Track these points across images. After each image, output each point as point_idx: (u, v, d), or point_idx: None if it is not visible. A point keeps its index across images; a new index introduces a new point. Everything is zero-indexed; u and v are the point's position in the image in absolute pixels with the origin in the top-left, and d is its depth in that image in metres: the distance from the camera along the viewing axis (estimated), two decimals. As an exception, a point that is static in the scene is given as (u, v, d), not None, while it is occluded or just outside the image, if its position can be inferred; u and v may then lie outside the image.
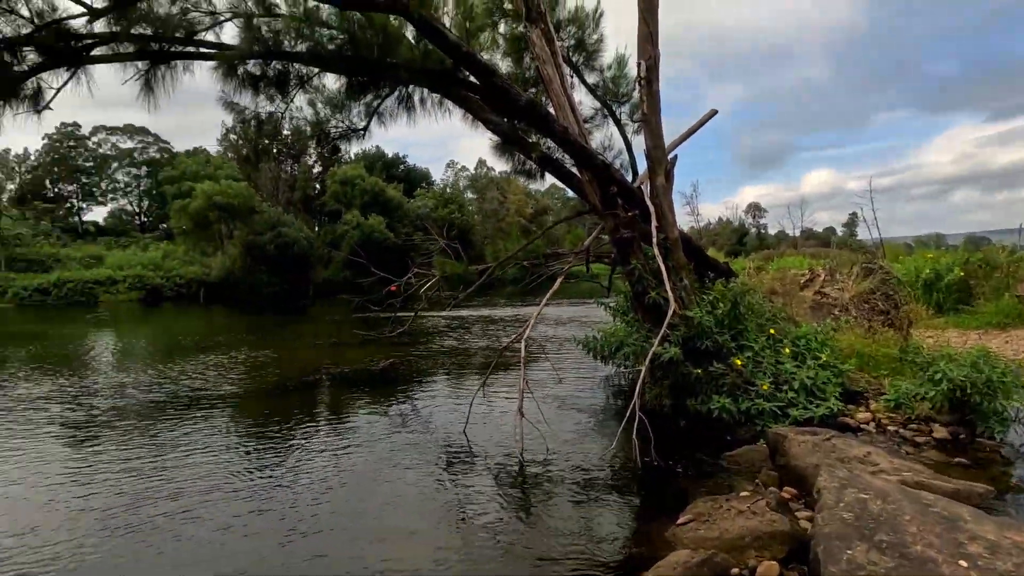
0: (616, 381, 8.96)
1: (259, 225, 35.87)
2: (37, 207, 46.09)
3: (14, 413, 7.48)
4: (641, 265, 6.59)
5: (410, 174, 60.83)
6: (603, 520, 4.20)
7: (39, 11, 5.00)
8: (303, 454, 5.78)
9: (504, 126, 6.90)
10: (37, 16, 4.94)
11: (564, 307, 21.05)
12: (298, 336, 16.51)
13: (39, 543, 3.95)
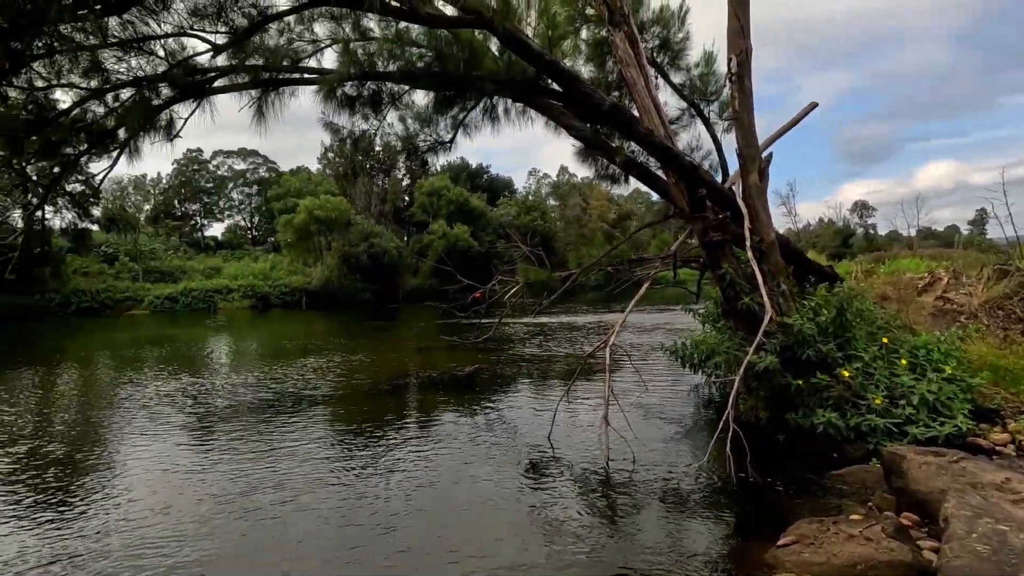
0: (706, 391, 8.57)
1: (354, 236, 38.12)
2: (168, 225, 52.00)
3: (147, 409, 8.44)
4: (733, 269, 6.27)
5: (493, 183, 62.02)
6: (693, 536, 4.03)
7: (172, 51, 5.67)
8: (394, 453, 6.04)
9: (587, 132, 6.86)
10: (170, 56, 5.60)
11: (649, 313, 20.47)
12: (388, 341, 17.31)
13: (173, 521, 4.45)
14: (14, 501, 4.98)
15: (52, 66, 5.21)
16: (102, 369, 12.91)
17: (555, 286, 8.85)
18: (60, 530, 4.36)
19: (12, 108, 5.40)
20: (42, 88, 5.44)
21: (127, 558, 3.90)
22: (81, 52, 5.01)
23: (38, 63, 5.04)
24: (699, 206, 6.49)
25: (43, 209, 7.39)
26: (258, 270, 38.81)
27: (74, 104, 5.68)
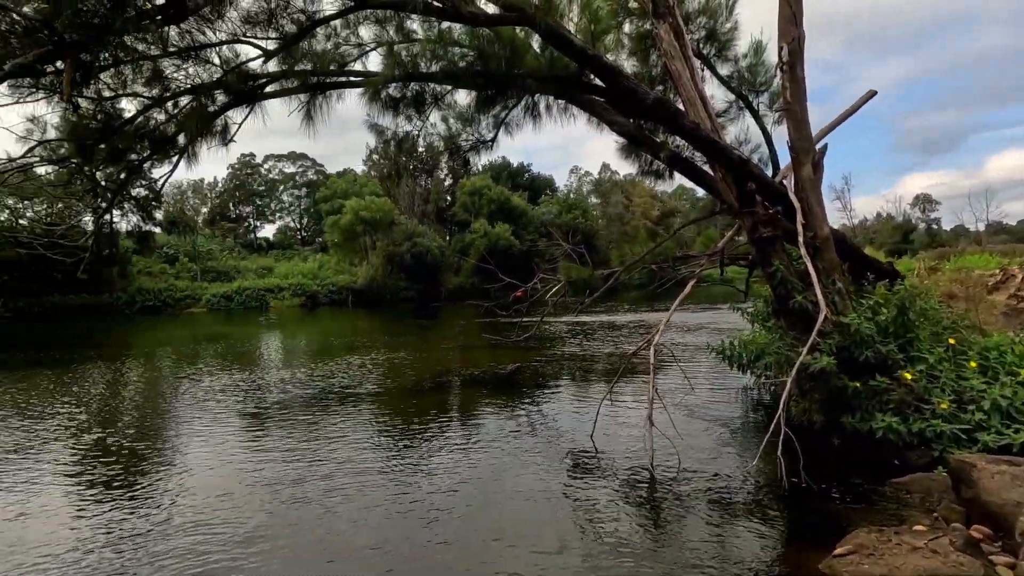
0: (755, 392, 8.29)
1: (397, 236, 38.89)
2: (223, 227, 54.41)
3: (205, 403, 8.84)
4: (785, 267, 6.03)
5: (534, 182, 62.02)
6: (742, 542, 3.89)
7: (226, 58, 5.91)
8: (436, 448, 6.11)
9: (630, 127, 6.75)
10: (224, 63, 5.84)
11: (693, 312, 20.01)
12: (431, 339, 17.55)
13: (230, 507, 4.65)
14: (86, 485, 5.31)
15: (118, 76, 5.53)
16: (164, 364, 13.63)
17: (597, 285, 8.75)
18: (127, 512, 4.62)
19: (83, 118, 5.75)
20: (109, 98, 5.78)
21: (187, 539, 4.09)
22: (143, 62, 5.30)
23: (105, 74, 5.36)
24: (748, 201, 6.28)
25: (111, 213, 7.84)
26: (307, 269, 40.11)
27: (138, 112, 6.00)
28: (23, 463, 5.95)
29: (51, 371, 11.94)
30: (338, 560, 3.80)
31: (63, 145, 6.14)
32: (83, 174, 7.09)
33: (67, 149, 6.11)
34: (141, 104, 5.93)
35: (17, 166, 6.14)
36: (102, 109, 5.95)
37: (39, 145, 5.95)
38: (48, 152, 6.26)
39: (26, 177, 6.71)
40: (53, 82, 4.89)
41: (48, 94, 5.04)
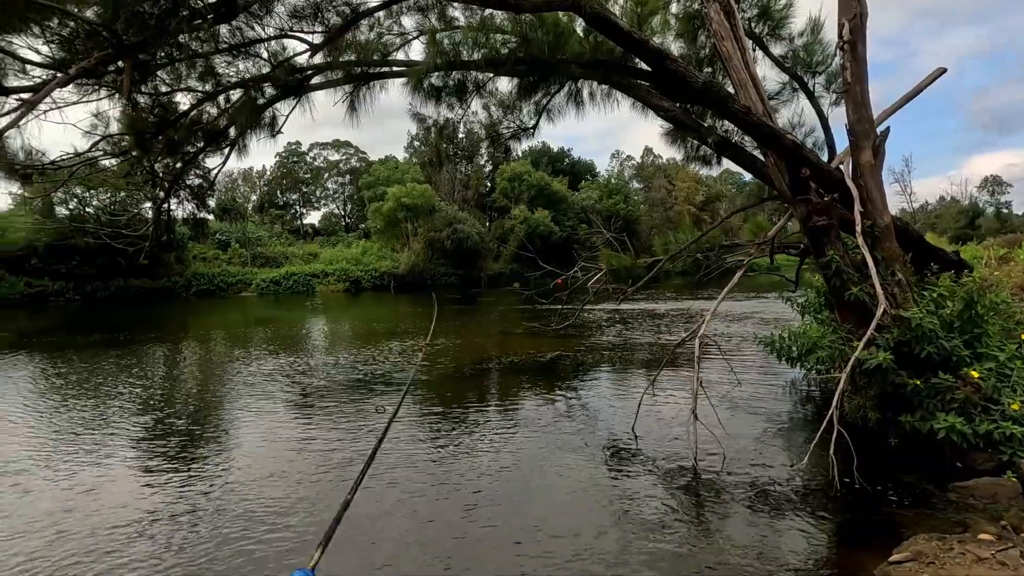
0: (804, 387, 8.01)
1: (438, 222, 39.25)
2: (271, 214, 56.21)
3: (256, 385, 9.21)
4: (840, 257, 5.75)
5: (575, 167, 61.30)
6: (790, 542, 3.78)
7: (274, 52, 6.04)
8: (476, 434, 6.18)
9: (676, 111, 6.54)
10: (272, 57, 5.97)
11: (738, 302, 19.44)
12: (471, 325, 17.71)
13: (280, 485, 4.85)
14: (150, 460, 5.63)
15: (173, 73, 5.74)
16: (218, 346, 14.26)
17: (639, 273, 8.59)
18: (183, 488, 4.88)
19: (141, 112, 6.01)
20: (165, 93, 6.01)
21: (240, 513, 4.30)
22: (197, 59, 5.47)
23: (162, 71, 5.57)
24: (801, 188, 6.00)
25: (168, 201, 8.20)
26: (351, 255, 41.02)
27: (192, 107, 6.22)
28: (93, 439, 6.36)
29: (116, 351, 12.69)
30: (381, 541, 3.91)
31: (124, 139, 6.43)
32: (142, 165, 7.43)
33: (128, 142, 6.39)
34: (195, 98, 6.15)
35: (84, 159, 6.46)
36: (159, 104, 6.19)
37: (103, 139, 6.24)
38: (111, 145, 6.55)
39: (92, 169, 7.06)
40: (114, 80, 5.12)
41: (110, 92, 5.29)
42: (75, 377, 9.89)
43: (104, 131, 6.25)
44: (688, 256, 8.44)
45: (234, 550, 3.84)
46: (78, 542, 3.99)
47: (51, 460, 5.70)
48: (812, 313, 7.68)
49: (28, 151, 5.65)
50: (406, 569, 3.59)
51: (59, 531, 4.16)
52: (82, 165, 6.43)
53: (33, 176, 6.20)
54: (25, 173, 5.94)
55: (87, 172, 7.15)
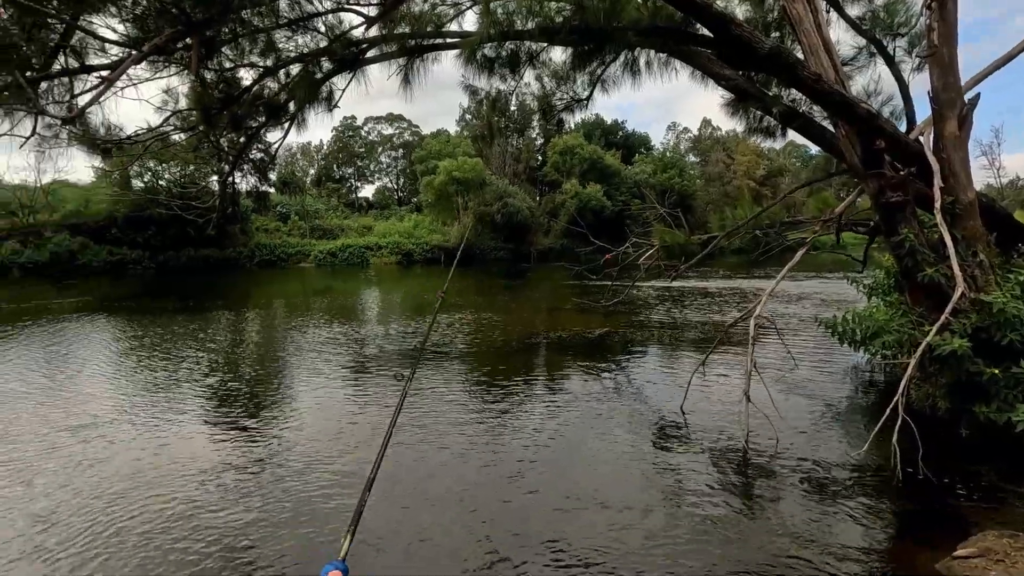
0: (867, 372, 7.64)
1: (488, 196, 39.27)
2: (328, 187, 57.81)
3: (313, 351, 9.63)
4: (915, 235, 5.38)
5: (628, 139, 59.59)
6: (844, 530, 3.66)
7: (331, 26, 6.12)
8: (524, 407, 6.26)
9: (739, 80, 6.19)
10: (329, 31, 6.04)
11: (796, 281, 18.59)
12: (520, 300, 17.79)
13: (334, 444, 5.10)
14: (215, 419, 6.04)
15: (236, 49, 5.92)
16: (279, 314, 14.96)
17: (693, 250, 8.34)
18: (247, 443, 5.21)
19: (208, 88, 6.25)
20: (229, 69, 6.22)
21: (300, 466, 4.57)
22: (258, 33, 5.62)
23: (226, 47, 5.76)
24: (874, 161, 5.61)
25: (233, 175, 8.55)
26: (403, 229, 41.77)
27: (254, 82, 6.41)
28: (167, 397, 6.86)
29: (187, 317, 13.54)
30: (425, 502, 4.06)
31: (192, 114, 6.73)
32: (209, 140, 7.77)
33: (195, 117, 6.68)
34: (256, 74, 6.33)
35: (156, 134, 6.79)
36: (223, 80, 6.41)
37: (173, 115, 6.55)
38: (180, 120, 6.87)
39: (163, 144, 7.44)
40: (182, 57, 5.34)
41: (179, 68, 5.53)
42: (151, 340, 10.64)
43: (174, 107, 6.54)
44: (746, 233, 8.10)
45: (292, 497, 4.09)
46: (157, 487, 4.35)
47: (131, 415, 6.19)
48: (880, 295, 7.27)
49: (108, 127, 6.01)
50: (448, 529, 3.72)
51: (140, 478, 4.54)
52: (155, 140, 6.78)
53: (112, 150, 6.60)
54: (105, 148, 6.33)
55: (159, 146, 7.53)
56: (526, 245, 40.45)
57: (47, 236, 28.91)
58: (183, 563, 3.36)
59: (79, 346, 10.11)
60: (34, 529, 3.78)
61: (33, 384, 7.47)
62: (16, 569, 3.34)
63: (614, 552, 3.42)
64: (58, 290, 20.44)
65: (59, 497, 4.23)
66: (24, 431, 5.68)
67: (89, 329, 11.94)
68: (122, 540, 3.62)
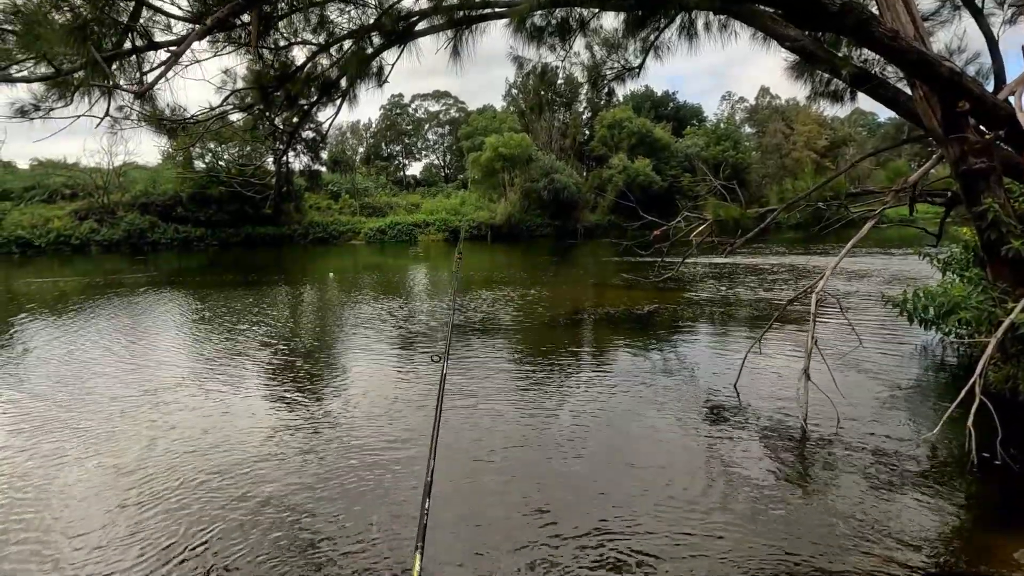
0: (938, 352, 7.20)
1: (535, 172, 38.94)
2: (377, 165, 58.79)
3: (363, 324, 9.92)
4: (999, 205, 4.96)
5: (679, 111, 57.56)
6: (910, 516, 3.48)
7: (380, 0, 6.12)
8: (571, 381, 6.25)
9: (805, 41, 5.80)
10: (379, 4, 6.05)
11: (862, 258, 17.63)
12: (566, 276, 17.68)
13: (386, 413, 5.24)
14: (275, 388, 6.33)
15: (290, 26, 6.02)
16: (332, 289, 15.47)
17: (748, 224, 7.99)
18: (307, 410, 5.44)
19: (265, 67, 6.41)
20: (284, 47, 6.34)
21: (350, 430, 4.73)
22: (312, 7, 5.70)
23: (282, 21, 5.88)
24: (956, 125, 5.17)
25: (287, 154, 8.79)
26: (449, 206, 42.13)
27: (307, 59, 6.52)
28: (230, 366, 7.25)
29: (247, 291, 14.19)
30: (481, 471, 4.14)
31: (249, 94, 6.92)
32: (265, 119, 7.99)
33: (252, 96, 6.87)
34: (310, 51, 6.43)
35: (216, 114, 7.04)
36: (278, 58, 6.55)
37: (231, 94, 6.76)
38: (238, 99, 7.08)
39: (223, 123, 7.71)
40: (241, 35, 5.48)
41: (236, 47, 5.68)
42: (214, 312, 11.23)
43: (232, 87, 6.75)
44: (807, 205, 7.70)
45: (346, 457, 4.26)
46: (223, 448, 4.62)
47: (198, 382, 6.58)
48: (956, 270, 6.80)
49: (173, 108, 6.28)
50: (503, 494, 3.78)
51: (208, 439, 4.83)
52: (215, 119, 7.02)
53: (177, 131, 6.89)
54: (171, 128, 6.61)
55: (219, 126, 7.79)
56: (572, 221, 40.02)
57: (120, 215, 30.80)
58: (248, 509, 3.57)
59: (151, 317, 10.80)
60: (117, 480, 4.09)
61: (112, 352, 8.04)
62: (106, 512, 3.63)
63: (665, 529, 3.39)
64: (131, 265, 21.82)
65: (136, 454, 4.56)
66: (105, 394, 6.14)
67: (160, 302, 12.72)
68: (189, 488, 3.87)
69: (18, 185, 32.23)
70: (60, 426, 5.21)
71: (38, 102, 4.85)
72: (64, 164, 34.33)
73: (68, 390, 6.32)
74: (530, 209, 39.27)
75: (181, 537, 3.36)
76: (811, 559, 3.08)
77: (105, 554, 3.22)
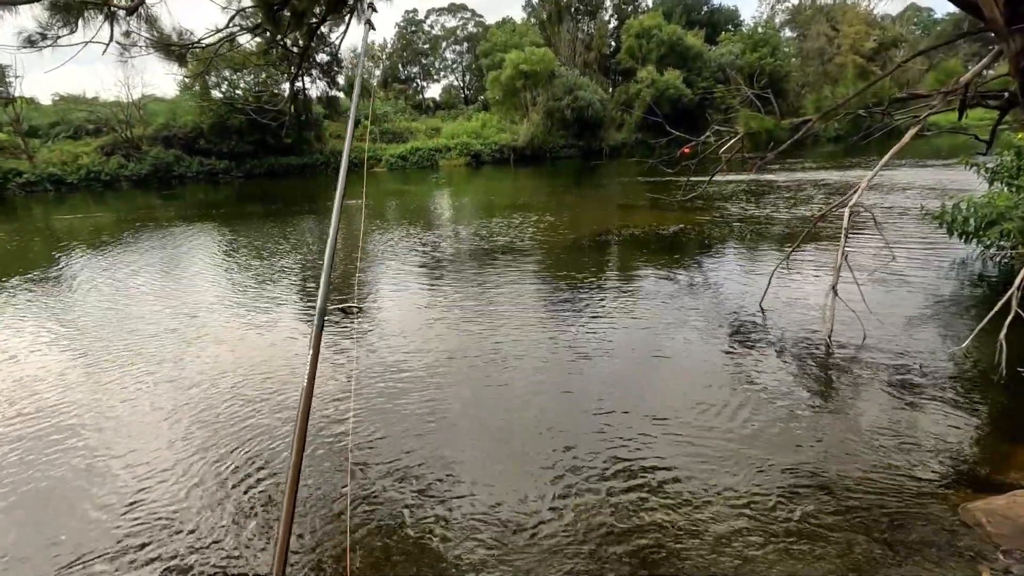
0: (978, 266, 6.94)
1: (557, 90, 37.20)
2: (395, 89, 56.94)
3: (389, 252, 10.01)
4: (1061, 105, 4.55)
5: (714, 16, 53.37)
6: (937, 432, 3.49)
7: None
8: (596, 304, 6.28)
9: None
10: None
11: (900, 171, 16.70)
12: (590, 197, 17.31)
13: (413, 338, 5.40)
14: (301, 312, 6.55)
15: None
16: (358, 217, 15.52)
17: (783, 137, 7.54)
18: (335, 335, 5.65)
19: (267, -18, 6.09)
20: (286, -42, 5.98)
21: (386, 360, 4.92)
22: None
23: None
24: (1020, 15, 4.66)
25: (301, 78, 8.54)
26: (470, 129, 40.93)
27: (311, -29, 6.16)
28: (261, 294, 7.48)
29: (273, 221, 14.37)
30: (505, 390, 4.28)
31: (255, 13, 6.64)
32: (275, 42, 7.71)
33: (258, 15, 6.60)
34: (313, -39, 6.06)
35: (224, 36, 6.81)
36: (282, -29, 6.20)
37: (237, 14, 6.49)
38: (244, 20, 6.81)
39: (232, 47, 7.47)
40: (238, -54, 5.18)
41: (237, -40, 5.39)
42: (244, 243, 11.46)
43: (237, 5, 6.47)
44: (847, 113, 7.21)
45: (379, 380, 4.46)
46: (254, 377, 4.86)
47: (229, 309, 6.83)
48: (1004, 179, 6.40)
49: (179, 32, 6.09)
50: (523, 420, 3.93)
51: (239, 369, 5.09)
52: (223, 42, 6.80)
53: (186, 56, 6.72)
54: (180, 54, 6.45)
55: (228, 50, 7.57)
56: (598, 140, 38.63)
57: (145, 150, 30.95)
58: (273, 411, 3.81)
59: (184, 249, 11.10)
60: (161, 389, 4.39)
61: (152, 282, 8.36)
62: (150, 415, 3.93)
63: (692, 450, 3.49)
64: (161, 199, 22.20)
65: (177, 370, 4.84)
66: (147, 319, 6.45)
67: (191, 234, 13.01)
68: (221, 395, 4.13)
69: (43, 121, 32.43)
70: (102, 348, 5.54)
71: (44, 30, 4.76)
72: (84, 99, 34.23)
73: (114, 315, 6.66)
74: (553, 129, 37.90)
75: (217, 440, 3.63)
76: (835, 472, 3.16)
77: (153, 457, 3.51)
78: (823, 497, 2.93)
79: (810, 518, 2.78)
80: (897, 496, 2.90)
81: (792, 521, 2.77)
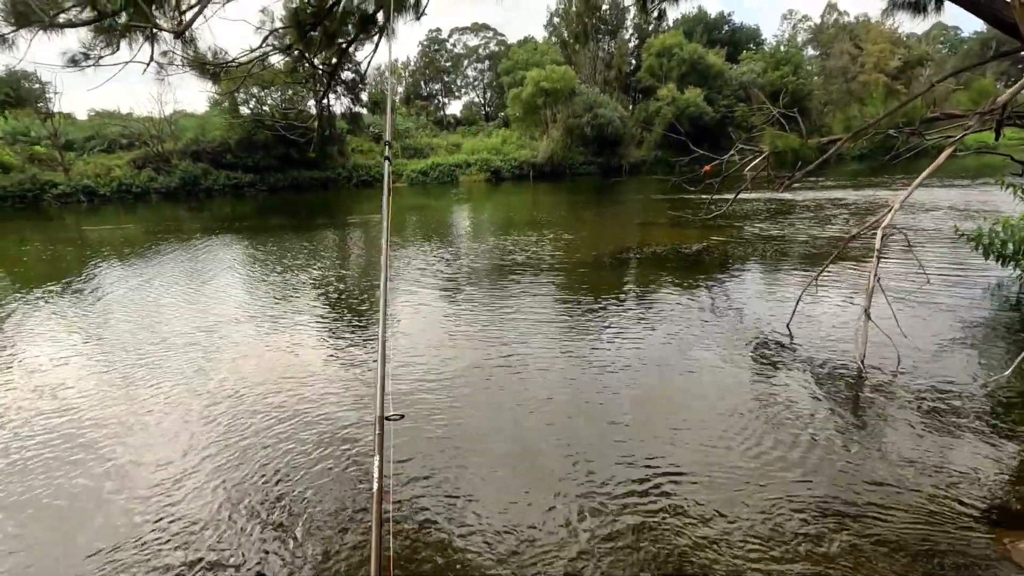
0: (1014, 291, 6.73)
1: (577, 107, 37.44)
2: (416, 105, 57.85)
3: (408, 267, 10.06)
4: (1105, 126, 4.42)
5: (735, 35, 53.50)
6: (974, 463, 3.35)
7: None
8: (615, 322, 6.21)
9: (886, -58, 5.17)
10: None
11: (932, 190, 16.37)
12: (610, 214, 17.27)
13: (432, 351, 5.38)
14: (328, 326, 6.59)
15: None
16: (377, 231, 15.69)
17: (810, 156, 7.47)
18: (355, 347, 5.66)
19: (301, 4, 6.25)
20: (319, -20, 6.15)
21: (408, 373, 4.91)
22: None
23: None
24: (1060, 34, 4.55)
25: (328, 96, 8.71)
26: (490, 145, 41.32)
27: (343, -7, 6.31)
28: (283, 305, 7.55)
29: (297, 234, 14.58)
30: (519, 408, 4.23)
31: (287, 33, 6.82)
32: (304, 60, 7.90)
33: (290, 36, 6.77)
34: (345, -17, 6.22)
35: (257, 56, 6.98)
36: (314, -7, 6.36)
37: (270, 34, 6.67)
38: (277, 40, 6.99)
39: (263, 67, 7.66)
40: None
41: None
42: (267, 255, 11.63)
43: (270, 26, 6.65)
44: (877, 133, 7.10)
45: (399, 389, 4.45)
46: (270, 379, 4.89)
47: (253, 321, 6.91)
48: (1043, 201, 6.22)
49: (215, 51, 6.27)
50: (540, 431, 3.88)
51: (263, 369, 5.12)
52: (256, 61, 6.98)
53: (220, 74, 6.90)
54: (214, 72, 6.63)
55: (260, 69, 7.75)
56: (617, 158, 38.68)
57: (175, 164, 31.81)
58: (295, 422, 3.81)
59: (209, 261, 11.30)
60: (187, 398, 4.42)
61: (176, 294, 8.50)
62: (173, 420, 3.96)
63: (720, 473, 3.40)
64: (188, 212, 22.72)
65: (199, 381, 4.89)
66: (172, 330, 6.54)
67: (217, 246, 13.26)
68: (245, 405, 4.15)
69: (79, 136, 33.58)
70: (132, 355, 5.63)
71: (87, 50, 4.93)
72: (119, 114, 35.44)
73: (142, 324, 6.77)
74: (573, 146, 38.08)
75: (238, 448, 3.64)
76: (867, 500, 3.04)
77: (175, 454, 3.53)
78: (852, 525, 2.82)
79: (841, 547, 2.67)
80: (934, 528, 2.78)
81: (821, 549, 2.66)
